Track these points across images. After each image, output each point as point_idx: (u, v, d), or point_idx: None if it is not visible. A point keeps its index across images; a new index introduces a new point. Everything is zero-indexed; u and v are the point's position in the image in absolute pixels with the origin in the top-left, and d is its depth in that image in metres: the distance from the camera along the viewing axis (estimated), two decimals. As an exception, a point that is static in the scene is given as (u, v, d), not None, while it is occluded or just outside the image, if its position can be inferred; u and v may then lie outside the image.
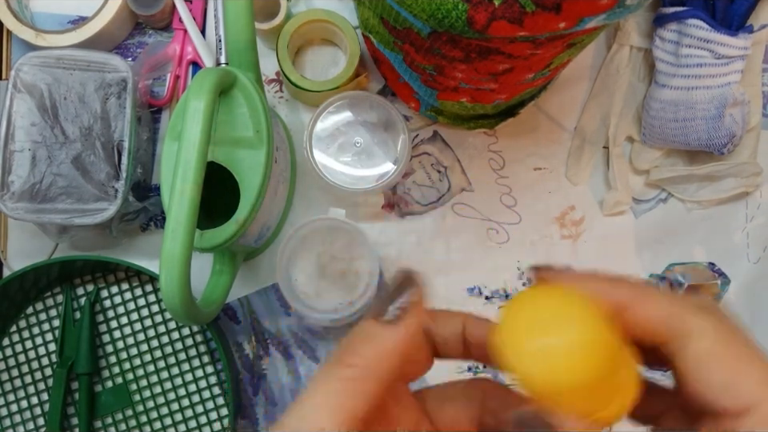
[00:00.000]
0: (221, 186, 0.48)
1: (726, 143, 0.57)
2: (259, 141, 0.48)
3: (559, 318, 0.23)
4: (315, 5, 0.63)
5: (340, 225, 0.56)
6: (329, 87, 0.59)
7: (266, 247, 0.62)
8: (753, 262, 0.63)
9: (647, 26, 0.61)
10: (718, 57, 0.55)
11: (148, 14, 0.61)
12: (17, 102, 0.55)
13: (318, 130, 0.57)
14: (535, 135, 0.63)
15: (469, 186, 0.63)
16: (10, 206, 0.54)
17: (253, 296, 0.62)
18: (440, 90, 0.53)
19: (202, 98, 0.42)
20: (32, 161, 0.55)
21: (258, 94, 0.48)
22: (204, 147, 0.41)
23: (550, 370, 0.22)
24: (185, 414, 0.61)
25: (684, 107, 0.57)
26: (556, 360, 0.22)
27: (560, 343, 0.23)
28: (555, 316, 0.23)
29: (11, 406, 0.61)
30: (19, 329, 0.62)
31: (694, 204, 0.63)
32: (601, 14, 0.37)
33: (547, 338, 0.23)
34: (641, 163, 0.62)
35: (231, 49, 0.49)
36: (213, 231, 0.48)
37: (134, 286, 0.62)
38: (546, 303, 0.24)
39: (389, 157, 0.57)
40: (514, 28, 0.38)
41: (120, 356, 0.61)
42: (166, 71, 0.63)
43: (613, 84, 0.62)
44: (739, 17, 0.55)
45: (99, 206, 0.55)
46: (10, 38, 0.63)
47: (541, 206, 0.63)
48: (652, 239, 0.63)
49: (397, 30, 0.47)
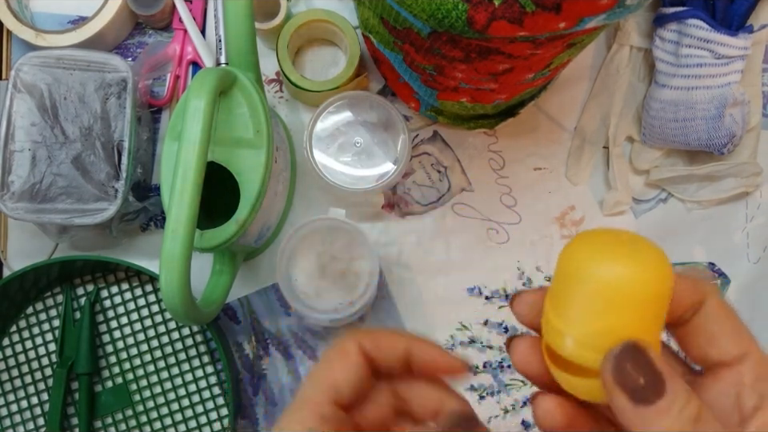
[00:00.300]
0: (221, 186, 0.48)
1: (726, 143, 0.57)
2: (259, 141, 0.48)
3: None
4: (315, 5, 0.63)
5: (340, 225, 0.56)
6: (329, 87, 0.59)
7: (266, 247, 0.62)
8: (753, 262, 0.63)
9: (647, 25, 0.61)
10: (718, 57, 0.55)
11: (148, 14, 0.61)
12: (17, 102, 0.55)
13: (318, 130, 0.57)
14: (535, 135, 0.63)
15: (469, 186, 0.63)
16: (10, 206, 0.54)
17: (253, 296, 0.62)
18: (440, 90, 0.53)
19: (202, 97, 0.42)
20: (32, 161, 0.55)
21: (258, 94, 0.48)
22: (204, 147, 0.41)
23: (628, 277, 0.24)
24: (185, 414, 0.61)
25: (684, 107, 0.57)
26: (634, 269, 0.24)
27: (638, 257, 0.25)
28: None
29: (11, 405, 0.61)
30: (19, 329, 0.62)
31: (694, 204, 0.62)
32: (601, 14, 0.37)
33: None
34: (641, 163, 0.62)
35: (231, 49, 0.49)
36: (213, 231, 0.48)
37: (134, 285, 0.62)
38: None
39: (389, 157, 0.57)
40: (514, 28, 0.38)
41: (120, 356, 0.61)
42: (166, 71, 0.63)
43: (613, 84, 0.62)
44: (739, 17, 0.55)
45: (99, 206, 0.55)
46: (10, 38, 0.63)
47: (541, 206, 0.63)
48: (652, 239, 0.63)
49: (397, 30, 0.47)
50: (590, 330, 0.24)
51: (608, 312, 0.24)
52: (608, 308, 0.24)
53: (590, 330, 0.24)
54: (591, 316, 0.24)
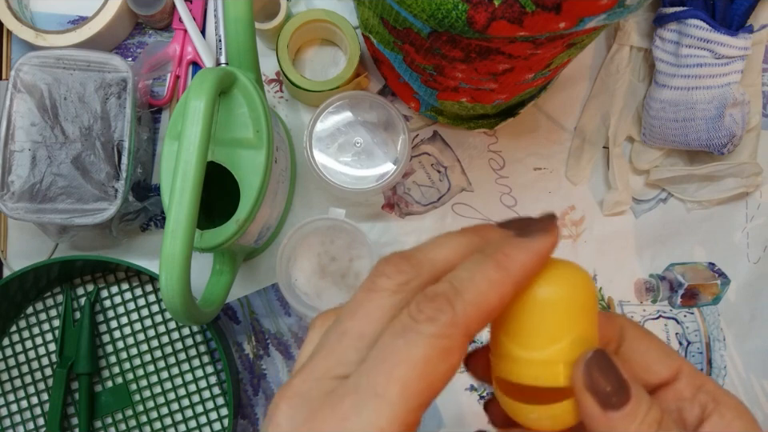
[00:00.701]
0: (221, 186, 0.48)
1: (726, 143, 0.57)
2: (259, 141, 0.48)
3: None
4: (315, 5, 0.63)
5: (340, 225, 0.56)
6: (329, 87, 0.59)
7: (266, 247, 0.62)
8: (753, 261, 0.63)
9: (647, 25, 0.61)
10: (718, 57, 0.55)
11: (148, 14, 0.61)
12: (17, 101, 0.55)
13: (318, 130, 0.57)
14: (535, 135, 0.63)
15: (469, 186, 0.63)
16: (10, 206, 0.54)
17: (253, 296, 0.62)
18: (440, 90, 0.53)
19: (202, 97, 0.42)
20: (32, 161, 0.55)
21: (258, 94, 0.48)
22: (204, 147, 0.41)
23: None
24: (185, 414, 0.61)
25: (684, 107, 0.57)
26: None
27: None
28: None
29: (11, 405, 0.61)
30: (19, 329, 0.62)
31: (694, 204, 0.63)
32: (601, 14, 0.37)
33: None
34: (641, 163, 0.62)
35: (231, 49, 0.49)
36: (213, 231, 0.48)
37: (133, 286, 0.62)
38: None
39: (389, 157, 0.57)
40: (514, 28, 0.38)
41: (120, 356, 0.61)
42: (166, 71, 0.63)
43: (613, 84, 0.62)
44: (739, 17, 0.55)
45: (99, 206, 0.55)
46: (10, 38, 0.63)
47: (541, 206, 0.63)
48: (652, 239, 0.63)
49: (397, 30, 0.47)
50: (550, 346, 0.24)
51: (560, 327, 0.24)
52: (560, 323, 0.24)
53: (551, 347, 0.24)
54: (547, 334, 0.24)
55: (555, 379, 0.24)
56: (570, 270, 0.25)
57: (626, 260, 0.63)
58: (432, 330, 0.21)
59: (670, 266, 0.63)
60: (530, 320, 0.24)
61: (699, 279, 0.62)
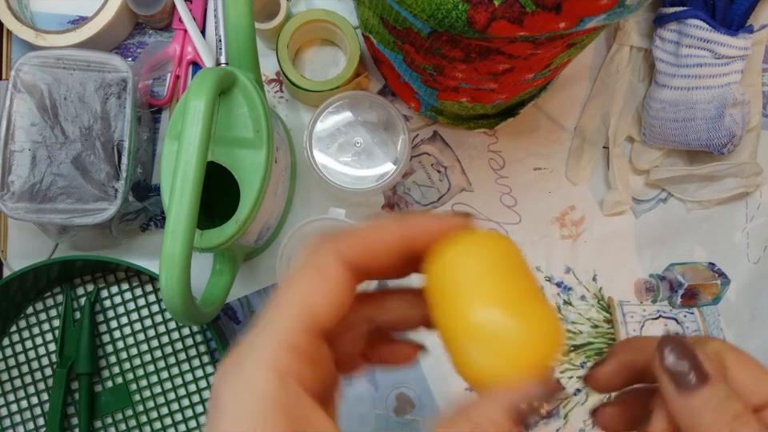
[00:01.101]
0: (221, 186, 0.48)
1: (726, 143, 0.57)
2: (259, 141, 0.48)
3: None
4: (315, 5, 0.63)
5: (340, 225, 0.56)
6: (329, 87, 0.59)
7: (266, 247, 0.62)
8: (753, 261, 0.63)
9: (647, 25, 0.61)
10: (718, 57, 0.55)
11: (148, 14, 0.61)
12: (17, 101, 0.55)
13: (318, 130, 0.57)
14: (535, 135, 0.63)
15: (469, 186, 0.63)
16: (10, 206, 0.54)
17: (253, 296, 0.62)
18: (440, 90, 0.53)
19: (202, 97, 0.42)
20: (32, 161, 0.55)
21: (258, 94, 0.48)
22: (204, 147, 0.41)
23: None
24: (185, 414, 0.61)
25: (684, 107, 0.57)
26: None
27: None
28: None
29: (11, 405, 0.61)
30: (19, 329, 0.62)
31: (694, 204, 0.63)
32: (601, 14, 0.37)
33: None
34: (641, 163, 0.62)
35: (231, 49, 0.49)
36: (213, 231, 0.48)
37: (133, 285, 0.62)
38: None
39: (389, 157, 0.57)
40: (514, 28, 0.38)
41: (120, 356, 0.61)
42: (166, 71, 0.63)
43: (613, 84, 0.62)
44: (739, 17, 0.55)
45: (99, 206, 0.55)
46: (10, 38, 0.63)
47: (541, 206, 0.63)
48: (652, 239, 0.63)
49: (397, 30, 0.47)
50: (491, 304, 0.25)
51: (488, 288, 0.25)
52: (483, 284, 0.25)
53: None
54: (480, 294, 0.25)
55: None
56: (485, 237, 0.26)
57: (625, 260, 0.63)
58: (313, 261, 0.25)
59: (670, 266, 0.63)
60: (454, 287, 0.25)
61: (699, 279, 0.62)
